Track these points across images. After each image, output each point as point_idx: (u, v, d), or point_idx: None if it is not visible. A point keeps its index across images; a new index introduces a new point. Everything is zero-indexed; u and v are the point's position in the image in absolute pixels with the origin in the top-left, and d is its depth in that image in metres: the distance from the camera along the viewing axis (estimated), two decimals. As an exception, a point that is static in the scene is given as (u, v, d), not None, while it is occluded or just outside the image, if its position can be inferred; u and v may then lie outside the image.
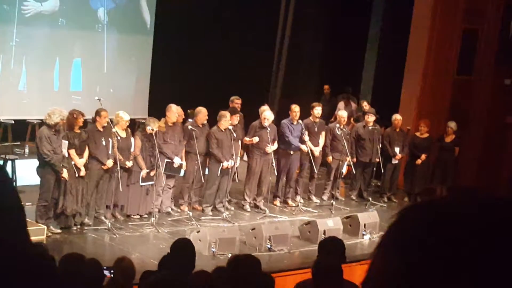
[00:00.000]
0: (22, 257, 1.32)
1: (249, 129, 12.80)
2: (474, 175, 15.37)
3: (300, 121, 13.16)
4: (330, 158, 13.73)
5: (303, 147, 13.09)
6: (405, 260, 1.09)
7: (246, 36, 17.65)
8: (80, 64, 16.32)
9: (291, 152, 13.12)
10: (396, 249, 1.12)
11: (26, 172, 11.28)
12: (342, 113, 14.14)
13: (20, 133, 14.84)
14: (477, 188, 14.29)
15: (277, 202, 13.35)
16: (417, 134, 14.39)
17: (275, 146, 12.79)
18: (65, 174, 10.23)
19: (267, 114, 12.66)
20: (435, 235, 1.07)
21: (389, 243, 1.15)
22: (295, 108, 13.13)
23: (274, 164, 12.62)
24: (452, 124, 14.31)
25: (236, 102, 13.42)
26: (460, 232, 1.05)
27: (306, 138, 13.25)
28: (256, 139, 12.51)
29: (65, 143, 10.35)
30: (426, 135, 14.31)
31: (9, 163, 11.88)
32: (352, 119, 16.10)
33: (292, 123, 13.12)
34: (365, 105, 15.57)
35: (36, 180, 10.47)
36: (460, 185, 14.39)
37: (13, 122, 14.87)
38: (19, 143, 14.52)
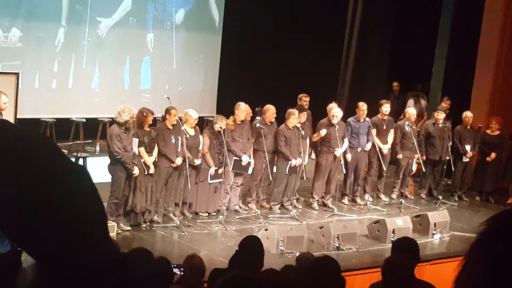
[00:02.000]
0: (104, 254, 1.34)
1: (317, 127, 12.76)
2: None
3: (367, 118, 13.08)
4: (400, 156, 13.60)
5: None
6: (497, 266, 1.09)
7: (314, 33, 17.59)
8: (149, 63, 16.54)
9: (359, 150, 13.05)
10: (488, 255, 1.12)
11: (97, 170, 11.44)
12: (411, 110, 13.99)
13: (91, 131, 15.10)
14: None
15: (346, 200, 13.29)
16: (488, 131, 14.13)
17: (344, 147, 12.73)
18: (136, 171, 10.35)
19: (335, 111, 12.61)
20: None
21: (480, 250, 1.15)
22: (362, 106, 13.04)
23: (342, 162, 12.56)
24: (525, 122, 14.01)
25: (304, 99, 13.39)
26: None
27: (374, 135, 13.17)
28: (323, 132, 12.43)
29: (135, 140, 10.48)
30: (497, 132, 14.04)
31: (81, 160, 12.11)
32: (425, 116, 15.94)
33: (359, 121, 13.04)
34: (447, 104, 15.30)
35: (107, 177, 10.61)
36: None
37: (84, 120, 15.15)
38: (90, 141, 14.79)
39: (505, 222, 1.16)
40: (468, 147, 13.92)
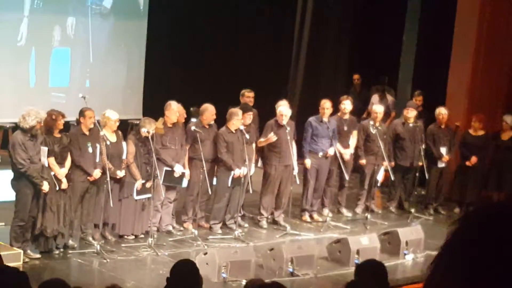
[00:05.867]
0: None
1: (264, 129, 12.78)
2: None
3: (327, 119, 13.12)
4: (363, 161, 13.71)
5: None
6: (473, 271, 1.19)
7: (259, 17, 17.65)
8: (59, 55, 16.37)
9: (320, 154, 13.11)
10: (463, 258, 1.22)
11: (-2, 186, 11.34)
12: (377, 108, 14.11)
13: (-11, 139, 14.90)
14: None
15: (306, 217, 13.32)
16: (470, 131, 14.31)
17: (294, 153, 12.82)
18: (45, 186, 10.26)
19: (283, 109, 12.65)
20: (496, 238, 1.19)
21: (453, 252, 1.24)
22: (325, 104, 13.11)
23: (295, 173, 12.61)
24: (509, 119, 14.22)
25: (248, 95, 13.43)
26: None
27: (335, 139, 13.26)
28: (273, 137, 12.47)
29: (44, 150, 10.38)
30: (481, 132, 14.22)
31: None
32: (392, 114, 16.13)
33: (321, 121, 13.10)
34: (419, 100, 15.51)
35: (10, 195, 10.51)
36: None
37: (-19, 126, 14.93)
38: (-12, 151, 14.59)
39: (480, 219, 1.24)
40: (443, 150, 14.11)
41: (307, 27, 17.64)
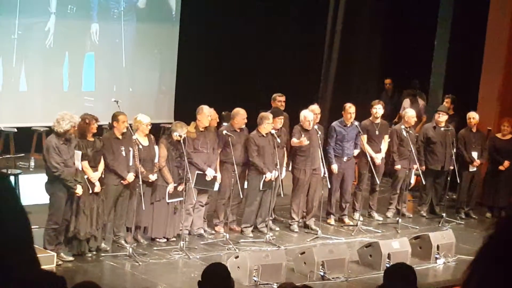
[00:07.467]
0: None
1: (292, 132, 12.76)
2: None
3: (356, 122, 13.12)
4: (398, 167, 13.65)
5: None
6: (503, 272, 1.20)
7: (290, 22, 17.64)
8: (93, 59, 16.47)
9: (345, 159, 13.10)
10: (498, 262, 1.22)
11: (32, 189, 11.39)
12: (410, 112, 14.01)
13: (24, 143, 14.99)
14: None
15: (332, 220, 13.35)
16: (498, 135, 14.25)
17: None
18: (79, 190, 10.31)
19: (307, 114, 12.59)
20: None
21: (488, 257, 1.24)
22: (350, 109, 13.09)
23: (326, 175, 12.61)
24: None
25: (279, 100, 13.43)
26: None
27: (364, 142, 13.22)
28: (305, 141, 12.44)
29: (78, 153, 10.44)
30: (509, 136, 14.16)
31: (12, 178, 12.02)
32: (424, 118, 16.07)
33: (345, 125, 13.09)
34: (449, 103, 15.42)
35: (44, 198, 10.57)
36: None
37: (15, 130, 15.02)
38: (23, 155, 14.69)
39: (501, 234, 1.24)
40: (475, 154, 14.04)
41: (339, 31, 17.58)
